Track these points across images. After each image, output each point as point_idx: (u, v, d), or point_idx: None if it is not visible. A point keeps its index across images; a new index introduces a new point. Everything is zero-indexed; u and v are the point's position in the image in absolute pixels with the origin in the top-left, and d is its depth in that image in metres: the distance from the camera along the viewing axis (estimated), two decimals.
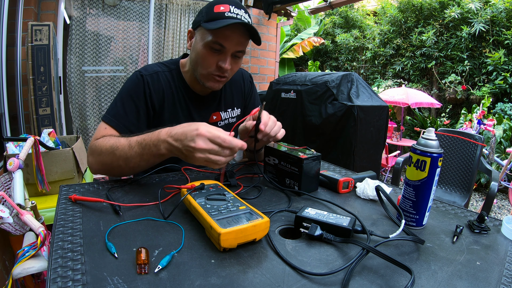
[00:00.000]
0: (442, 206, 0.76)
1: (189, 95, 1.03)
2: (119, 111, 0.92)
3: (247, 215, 0.55)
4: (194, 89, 1.03)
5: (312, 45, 6.72)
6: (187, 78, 1.02)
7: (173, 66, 1.03)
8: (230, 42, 0.87)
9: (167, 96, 0.99)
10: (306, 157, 0.76)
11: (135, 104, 0.93)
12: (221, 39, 0.86)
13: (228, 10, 0.84)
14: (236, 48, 0.89)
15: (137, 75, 0.97)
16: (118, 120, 0.91)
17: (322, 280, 0.45)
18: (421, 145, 0.60)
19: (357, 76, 2.48)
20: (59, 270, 0.44)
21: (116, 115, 0.92)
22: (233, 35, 0.86)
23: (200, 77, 0.95)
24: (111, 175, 0.87)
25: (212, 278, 0.44)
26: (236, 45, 0.88)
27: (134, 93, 0.94)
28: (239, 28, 0.87)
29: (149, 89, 0.95)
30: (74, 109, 3.10)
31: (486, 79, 5.05)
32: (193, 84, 1.02)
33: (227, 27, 0.83)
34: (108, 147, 0.80)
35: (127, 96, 0.94)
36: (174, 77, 1.01)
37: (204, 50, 0.89)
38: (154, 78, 0.97)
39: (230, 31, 0.86)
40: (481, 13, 5.00)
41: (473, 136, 2.18)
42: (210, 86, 0.95)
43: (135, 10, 3.22)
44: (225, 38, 0.86)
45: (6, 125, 2.14)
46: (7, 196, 0.81)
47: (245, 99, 1.16)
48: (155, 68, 1.00)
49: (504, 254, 0.55)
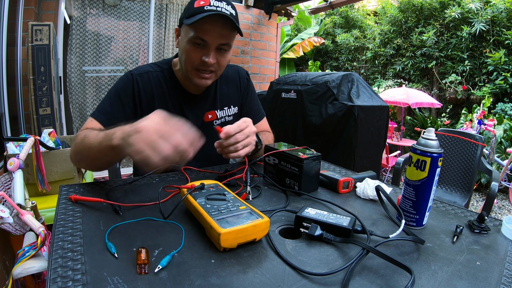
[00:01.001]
0: (442, 206, 0.76)
1: (182, 94, 1.02)
2: (106, 107, 0.94)
3: (247, 215, 0.55)
4: (187, 88, 1.03)
5: (313, 45, 6.72)
6: (179, 77, 1.02)
7: (165, 65, 1.03)
8: (210, 36, 0.86)
9: (157, 95, 0.99)
10: (306, 157, 0.76)
11: (122, 102, 0.95)
12: (201, 33, 0.85)
13: (208, 3, 0.83)
14: (219, 41, 0.88)
15: (127, 74, 0.98)
16: (104, 115, 0.93)
17: (322, 280, 0.45)
18: (421, 145, 0.60)
19: (358, 76, 2.48)
20: (59, 270, 0.44)
21: (102, 110, 0.93)
22: (214, 28, 0.85)
23: (187, 74, 0.95)
24: (81, 166, 0.91)
25: (212, 278, 0.44)
26: (218, 38, 0.87)
27: (122, 92, 0.96)
28: (219, 20, 0.85)
29: (138, 88, 0.97)
30: (75, 109, 3.10)
31: (487, 79, 5.04)
32: (185, 83, 1.02)
33: (205, 21, 0.83)
34: (82, 136, 0.80)
35: (115, 94, 0.96)
36: (166, 77, 1.01)
37: (188, 46, 0.89)
38: (144, 77, 0.98)
39: (210, 24, 0.85)
40: (481, 13, 5.00)
41: (473, 136, 2.18)
42: (197, 83, 0.94)
43: (135, 10, 3.22)
44: (205, 32, 0.85)
45: (6, 125, 2.14)
46: (7, 196, 0.81)
47: (241, 96, 1.16)
48: (146, 68, 1.01)
49: (504, 254, 0.55)
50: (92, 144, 0.73)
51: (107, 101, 0.95)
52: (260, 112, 1.21)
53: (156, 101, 0.99)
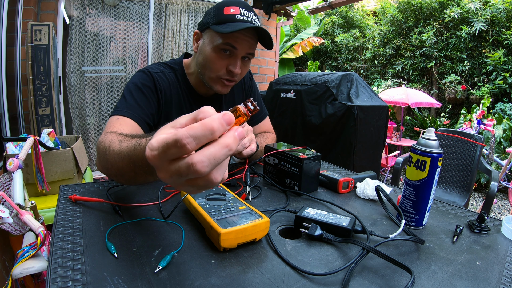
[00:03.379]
0: (442, 206, 0.76)
1: (194, 97, 1.01)
2: (131, 103, 0.85)
3: (247, 215, 0.55)
4: (199, 91, 1.02)
5: (312, 45, 6.72)
6: (191, 80, 1.00)
7: (176, 66, 1.01)
8: (241, 45, 0.85)
9: (173, 96, 0.97)
10: (306, 157, 0.76)
11: (146, 96, 0.88)
12: (233, 41, 0.84)
13: (239, 12, 0.83)
14: (247, 51, 0.88)
15: (144, 71, 0.93)
16: (131, 110, 0.83)
17: (322, 280, 0.45)
18: (421, 145, 0.60)
19: (357, 76, 2.48)
20: (59, 270, 0.44)
21: (128, 106, 0.84)
22: (245, 38, 0.85)
23: (208, 81, 0.93)
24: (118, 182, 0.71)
25: (212, 278, 0.44)
26: (247, 48, 0.87)
27: (143, 86, 0.89)
28: (250, 31, 0.85)
29: (159, 85, 0.92)
30: (74, 109, 3.09)
31: (486, 79, 5.05)
32: (197, 87, 1.01)
33: (238, 30, 0.82)
34: (102, 148, 0.64)
35: (136, 89, 0.88)
36: (179, 78, 0.99)
37: (213, 53, 0.87)
38: (161, 76, 0.95)
39: (242, 34, 0.84)
40: (480, 13, 5.00)
41: (473, 136, 2.18)
42: (218, 90, 0.93)
43: (134, 10, 3.22)
44: (236, 40, 0.84)
45: (5, 125, 2.14)
46: (6, 196, 0.81)
47: (245, 96, 1.16)
48: (161, 68, 0.97)
49: (504, 254, 0.55)
50: (121, 166, 0.55)
51: (130, 97, 0.85)
52: (263, 112, 1.21)
53: (173, 103, 0.96)
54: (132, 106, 0.84)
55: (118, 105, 0.85)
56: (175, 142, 0.30)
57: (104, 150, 0.62)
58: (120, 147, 0.55)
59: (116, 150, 0.57)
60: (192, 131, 0.30)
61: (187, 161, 0.30)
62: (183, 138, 0.29)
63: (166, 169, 0.32)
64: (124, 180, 0.60)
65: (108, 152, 0.60)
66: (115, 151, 0.57)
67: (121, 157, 0.54)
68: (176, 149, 0.30)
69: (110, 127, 0.78)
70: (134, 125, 0.82)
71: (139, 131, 0.83)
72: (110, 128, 0.76)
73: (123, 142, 0.56)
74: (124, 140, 0.57)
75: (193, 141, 0.30)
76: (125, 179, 0.58)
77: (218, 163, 0.31)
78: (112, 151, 0.58)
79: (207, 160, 0.30)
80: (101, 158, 0.65)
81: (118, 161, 0.55)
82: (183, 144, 0.30)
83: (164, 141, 0.31)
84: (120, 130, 0.73)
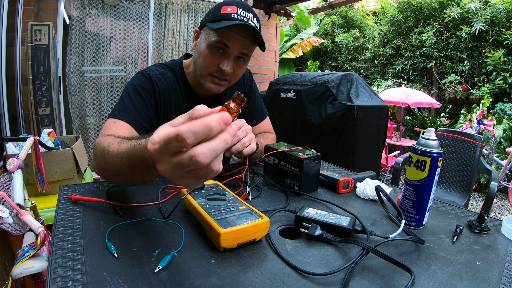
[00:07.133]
0: (442, 206, 0.76)
1: (193, 98, 1.01)
2: (128, 106, 0.86)
3: (247, 215, 0.55)
4: (198, 92, 1.01)
5: (312, 45, 6.72)
6: (190, 80, 1.00)
7: (177, 68, 1.01)
8: (233, 43, 0.85)
9: (172, 98, 0.96)
10: (306, 157, 0.76)
11: (143, 99, 0.89)
12: (225, 38, 0.84)
13: (235, 12, 0.83)
14: (240, 50, 0.88)
15: (143, 73, 0.93)
16: (128, 114, 0.85)
17: (322, 280, 0.45)
18: (421, 145, 0.60)
19: (357, 76, 2.48)
20: (59, 270, 0.44)
21: (125, 110, 0.85)
22: (238, 36, 0.85)
23: (200, 78, 0.93)
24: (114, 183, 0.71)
25: (212, 278, 0.44)
26: (240, 47, 0.87)
27: (141, 89, 0.90)
28: (244, 30, 0.85)
29: (158, 88, 0.92)
30: (74, 109, 3.09)
31: (486, 79, 5.05)
32: (196, 87, 1.01)
33: (231, 28, 0.82)
34: (100, 150, 0.65)
35: (134, 92, 0.89)
36: (179, 80, 0.99)
37: (207, 50, 0.87)
38: (160, 79, 0.95)
39: (235, 32, 0.84)
40: (480, 13, 5.00)
41: (472, 136, 2.18)
42: (209, 88, 0.92)
43: (134, 10, 3.22)
44: (228, 38, 0.85)
45: (5, 125, 2.14)
46: (6, 196, 0.81)
47: (246, 96, 1.16)
48: (160, 70, 0.97)
49: (504, 254, 0.55)
50: (119, 166, 0.56)
51: (127, 100, 0.87)
52: (263, 112, 1.21)
53: (172, 105, 0.96)
54: (129, 110, 0.86)
55: (116, 108, 0.87)
56: (176, 136, 0.33)
57: (103, 152, 0.64)
58: (119, 148, 0.57)
59: (115, 150, 0.58)
60: (192, 127, 0.33)
61: (190, 153, 0.33)
62: (184, 133, 0.32)
63: (167, 161, 0.35)
64: (121, 180, 0.61)
65: (106, 153, 0.62)
66: (114, 152, 0.59)
67: (119, 157, 0.56)
68: (177, 142, 0.33)
69: (107, 130, 0.80)
70: (130, 129, 0.84)
71: (135, 135, 0.84)
72: (107, 131, 0.78)
73: (122, 143, 0.59)
74: (123, 142, 0.60)
75: (192, 136, 0.33)
76: (122, 179, 0.60)
77: (217, 155, 0.35)
78: (111, 152, 0.60)
79: (208, 151, 0.34)
80: (99, 160, 0.66)
81: (117, 161, 0.57)
82: (183, 138, 0.32)
83: (166, 135, 0.34)
84: (117, 134, 0.75)
